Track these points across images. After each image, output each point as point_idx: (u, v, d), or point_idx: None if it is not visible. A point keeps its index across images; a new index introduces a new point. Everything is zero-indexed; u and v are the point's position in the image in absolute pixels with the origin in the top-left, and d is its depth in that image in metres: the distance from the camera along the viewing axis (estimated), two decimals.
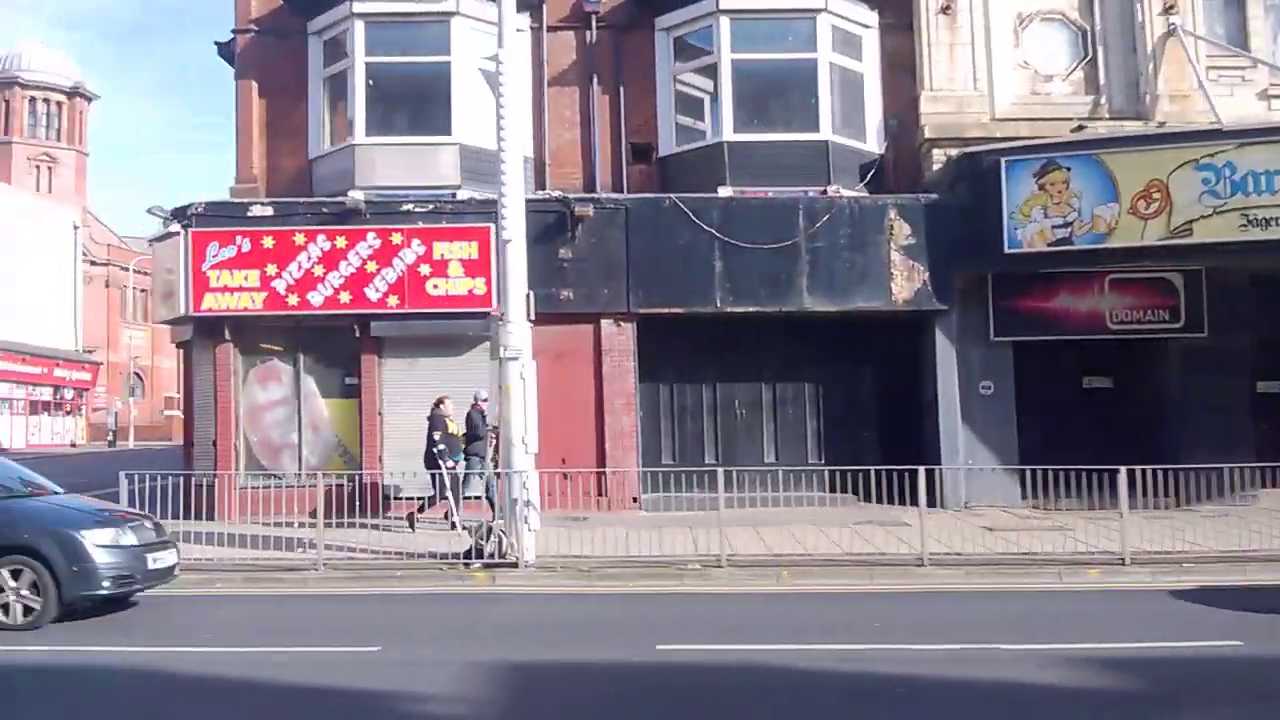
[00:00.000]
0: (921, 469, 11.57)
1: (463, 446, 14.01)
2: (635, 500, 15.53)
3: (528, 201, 15.97)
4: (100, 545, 8.80)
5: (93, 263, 53.28)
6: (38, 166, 55.30)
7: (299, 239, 15.39)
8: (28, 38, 58.87)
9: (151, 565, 9.18)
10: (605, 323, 15.71)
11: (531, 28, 16.75)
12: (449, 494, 13.14)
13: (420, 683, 6.89)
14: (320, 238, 15.38)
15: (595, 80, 16.67)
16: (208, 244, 15.40)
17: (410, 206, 15.54)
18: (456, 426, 14.00)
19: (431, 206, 15.56)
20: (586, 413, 15.61)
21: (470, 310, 15.34)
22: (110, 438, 45.17)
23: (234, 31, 16.86)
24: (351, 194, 15.52)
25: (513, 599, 10.33)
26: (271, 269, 15.36)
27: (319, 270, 15.36)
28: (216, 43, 18.41)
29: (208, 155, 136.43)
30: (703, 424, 16.42)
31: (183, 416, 16.75)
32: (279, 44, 16.84)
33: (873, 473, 12.28)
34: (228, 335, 15.70)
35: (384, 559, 11.60)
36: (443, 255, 15.36)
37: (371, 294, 15.34)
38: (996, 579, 10.59)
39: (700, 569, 10.99)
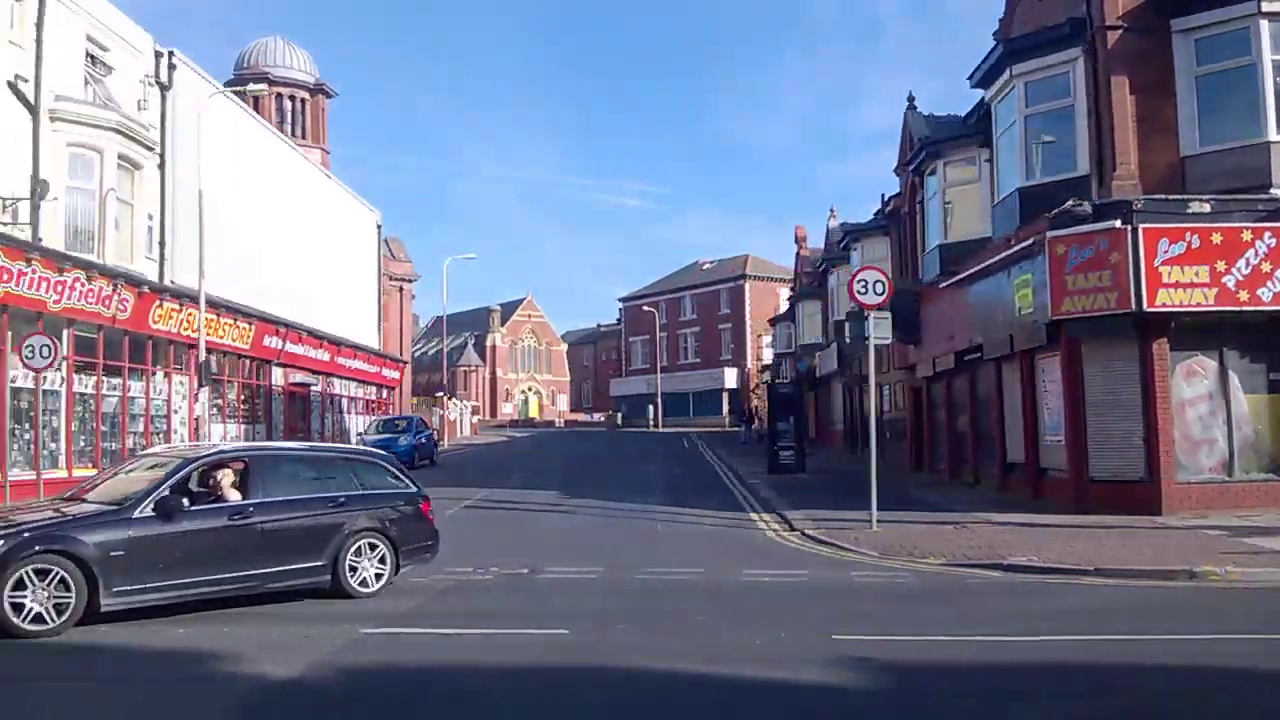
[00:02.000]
0: None
1: None
2: None
3: None
4: None
5: None
6: None
7: (1246, 235, 15.51)
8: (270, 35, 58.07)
9: None
10: None
11: None
12: None
13: None
14: (1267, 235, 15.51)
15: None
16: (1158, 240, 15.50)
17: None
18: None
19: None
20: None
21: None
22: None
23: (1103, 28, 16.89)
24: (1275, 192, 15.69)
25: None
26: (1220, 265, 15.47)
27: (1266, 266, 15.49)
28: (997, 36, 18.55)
29: None
30: None
31: (1067, 413, 16.76)
32: (1140, 41, 16.92)
33: None
34: (1166, 331, 15.81)
35: None
36: None
37: None
38: None
39: None
